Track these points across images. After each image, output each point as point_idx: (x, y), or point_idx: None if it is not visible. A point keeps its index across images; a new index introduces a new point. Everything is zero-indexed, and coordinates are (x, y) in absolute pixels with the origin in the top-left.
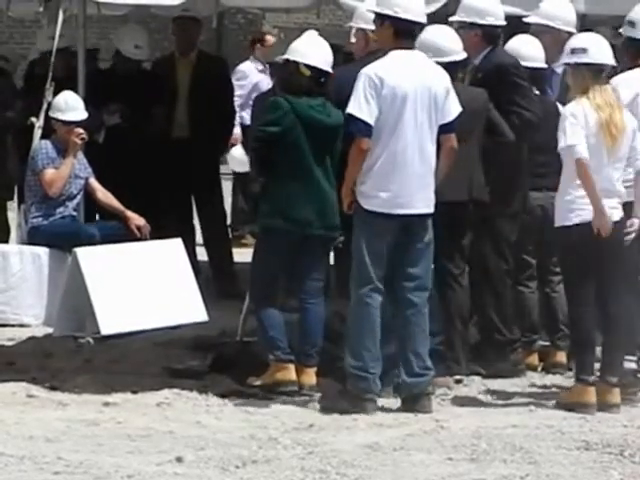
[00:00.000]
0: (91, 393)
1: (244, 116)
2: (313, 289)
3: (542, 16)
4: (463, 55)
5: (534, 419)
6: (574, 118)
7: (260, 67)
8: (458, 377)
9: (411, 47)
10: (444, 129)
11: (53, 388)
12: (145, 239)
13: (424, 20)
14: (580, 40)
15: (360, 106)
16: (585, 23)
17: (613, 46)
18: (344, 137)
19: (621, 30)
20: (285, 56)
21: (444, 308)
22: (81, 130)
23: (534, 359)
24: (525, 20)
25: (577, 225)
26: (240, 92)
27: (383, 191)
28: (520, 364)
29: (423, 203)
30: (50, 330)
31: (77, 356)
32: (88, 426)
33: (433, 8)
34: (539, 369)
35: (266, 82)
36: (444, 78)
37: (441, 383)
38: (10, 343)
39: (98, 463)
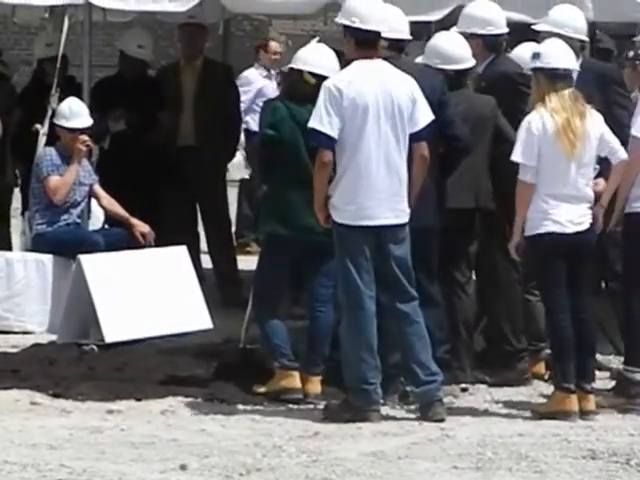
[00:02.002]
0: (95, 400)
1: (248, 121)
2: (324, 296)
3: (551, 24)
4: (472, 62)
5: (540, 427)
6: (530, 133)
7: (264, 73)
8: (464, 385)
9: (374, 56)
10: (414, 138)
11: (56, 395)
12: (149, 246)
13: (385, 29)
14: (539, 46)
15: (321, 119)
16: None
17: (611, 52)
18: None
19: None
20: (290, 65)
21: (450, 317)
22: (86, 137)
23: (540, 368)
24: (534, 28)
25: (548, 234)
26: (244, 97)
27: (350, 203)
28: (526, 373)
29: (392, 214)
30: (54, 337)
31: (81, 363)
32: (91, 433)
33: (440, 15)
34: (545, 377)
35: (271, 88)
36: (409, 87)
37: (447, 392)
38: (14, 350)
39: (101, 471)
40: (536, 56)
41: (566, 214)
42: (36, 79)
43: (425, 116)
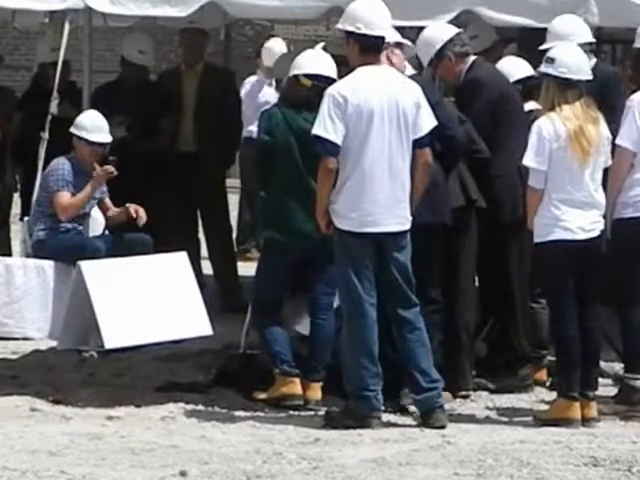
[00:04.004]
0: (95, 407)
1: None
2: (325, 304)
3: (556, 37)
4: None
5: (541, 434)
6: (540, 138)
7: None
8: (465, 392)
9: (378, 62)
10: (417, 144)
11: (56, 402)
12: (141, 223)
13: (390, 34)
14: (553, 50)
15: (325, 126)
16: (602, 36)
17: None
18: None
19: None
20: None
21: (450, 322)
22: (112, 168)
23: (542, 375)
24: (542, 48)
25: (558, 241)
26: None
27: (354, 210)
28: (528, 379)
29: (395, 221)
30: (54, 343)
31: (81, 370)
32: (91, 440)
33: (443, 21)
34: (547, 384)
35: (272, 93)
36: (414, 92)
37: (444, 399)
38: (14, 356)
39: (101, 477)
40: (549, 61)
41: (577, 220)
42: (36, 84)
43: (429, 122)
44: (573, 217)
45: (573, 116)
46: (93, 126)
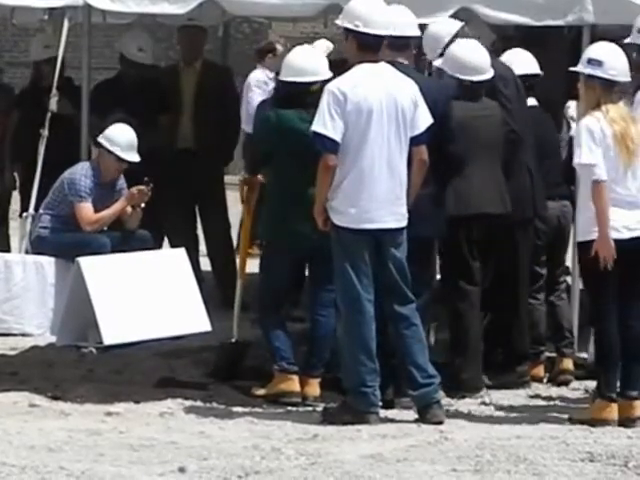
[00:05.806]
0: (93, 403)
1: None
2: (326, 300)
3: None
4: (490, 74)
5: (538, 430)
6: (590, 134)
7: (270, 76)
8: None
9: (377, 60)
10: (414, 141)
11: (55, 398)
12: (130, 226)
13: (389, 32)
14: (597, 51)
15: (325, 123)
16: (596, 33)
17: None
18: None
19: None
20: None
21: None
22: (148, 191)
23: (540, 371)
24: (626, 42)
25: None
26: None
27: (352, 207)
28: (526, 375)
29: (392, 218)
30: (53, 339)
31: (80, 366)
32: (90, 436)
33: (441, 18)
34: (544, 381)
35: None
36: (412, 90)
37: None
38: (13, 352)
39: (100, 473)
40: (596, 63)
41: (622, 219)
42: (34, 81)
43: (425, 120)
44: (618, 216)
45: (619, 118)
46: (127, 144)
